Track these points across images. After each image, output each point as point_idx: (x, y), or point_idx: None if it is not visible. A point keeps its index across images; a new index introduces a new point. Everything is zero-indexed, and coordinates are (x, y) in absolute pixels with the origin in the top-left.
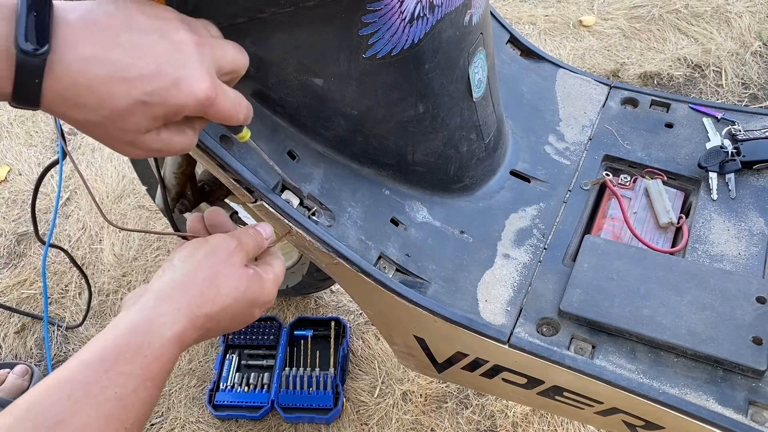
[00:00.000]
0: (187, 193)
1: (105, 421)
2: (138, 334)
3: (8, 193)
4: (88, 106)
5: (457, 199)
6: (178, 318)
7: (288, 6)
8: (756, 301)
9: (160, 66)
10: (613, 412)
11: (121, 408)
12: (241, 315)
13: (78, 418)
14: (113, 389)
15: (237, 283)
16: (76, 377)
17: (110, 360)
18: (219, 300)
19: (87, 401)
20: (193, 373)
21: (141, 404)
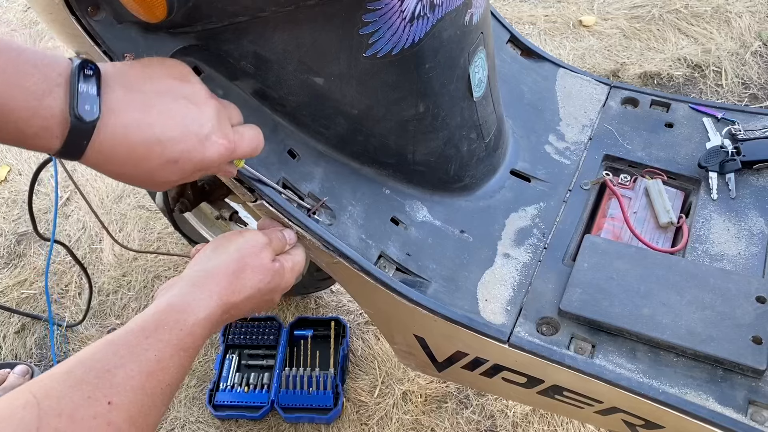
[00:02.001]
0: (187, 193)
1: (146, 377)
2: (175, 312)
3: (8, 193)
4: (127, 165)
5: (458, 199)
6: (209, 303)
7: (288, 5)
8: (756, 301)
9: (188, 129)
10: (613, 411)
11: (159, 369)
12: (262, 302)
13: (123, 371)
14: (153, 352)
15: (262, 276)
16: (121, 340)
17: (150, 329)
18: (245, 291)
19: (131, 358)
20: (193, 373)
21: (176, 369)
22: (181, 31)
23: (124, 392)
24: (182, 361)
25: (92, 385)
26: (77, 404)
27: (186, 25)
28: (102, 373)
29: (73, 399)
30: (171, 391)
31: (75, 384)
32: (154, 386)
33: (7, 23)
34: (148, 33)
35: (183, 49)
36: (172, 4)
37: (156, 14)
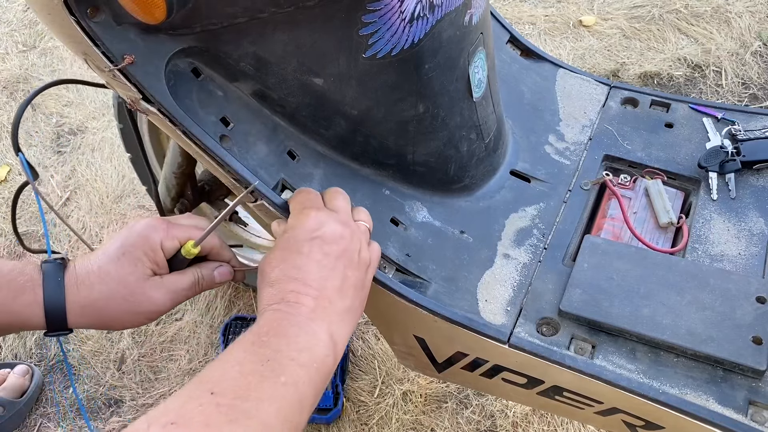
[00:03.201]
0: (187, 193)
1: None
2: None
3: (8, 193)
4: (94, 283)
5: (457, 199)
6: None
7: (288, 6)
8: (756, 301)
9: (122, 231)
10: (613, 412)
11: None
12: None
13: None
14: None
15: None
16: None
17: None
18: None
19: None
20: (193, 373)
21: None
22: (181, 33)
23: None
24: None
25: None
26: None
27: (185, 26)
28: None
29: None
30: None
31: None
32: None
33: (7, 23)
34: (148, 34)
35: (182, 51)
36: (171, 6)
37: (155, 16)
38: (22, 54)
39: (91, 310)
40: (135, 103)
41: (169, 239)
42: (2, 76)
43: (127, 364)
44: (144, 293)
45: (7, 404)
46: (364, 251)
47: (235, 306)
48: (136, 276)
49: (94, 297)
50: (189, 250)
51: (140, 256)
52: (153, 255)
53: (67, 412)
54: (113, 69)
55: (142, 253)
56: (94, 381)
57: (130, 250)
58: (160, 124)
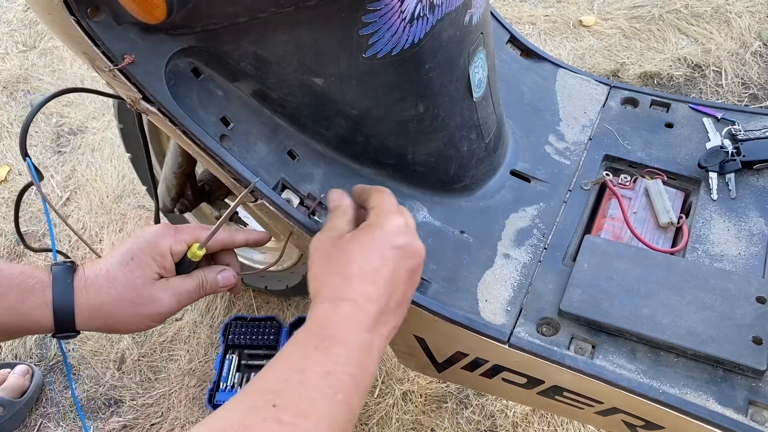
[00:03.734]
0: (187, 193)
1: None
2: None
3: (8, 193)
4: (102, 286)
5: (457, 199)
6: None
7: (288, 6)
8: (756, 301)
9: (131, 237)
10: (613, 412)
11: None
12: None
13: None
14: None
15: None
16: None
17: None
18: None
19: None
20: (193, 373)
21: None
22: (181, 33)
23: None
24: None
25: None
26: None
27: (185, 26)
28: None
29: None
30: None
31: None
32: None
33: (8, 23)
34: (148, 34)
35: (182, 50)
36: (171, 5)
37: (155, 15)
38: (22, 54)
39: (99, 313)
40: (135, 103)
41: (177, 244)
42: (2, 76)
43: (127, 364)
44: (151, 295)
45: (7, 404)
46: (420, 273)
47: (235, 306)
48: (144, 279)
49: (102, 300)
50: (195, 252)
51: (149, 261)
52: (161, 260)
53: (67, 412)
54: (113, 69)
55: (150, 258)
56: (94, 381)
57: (138, 255)
58: (160, 124)
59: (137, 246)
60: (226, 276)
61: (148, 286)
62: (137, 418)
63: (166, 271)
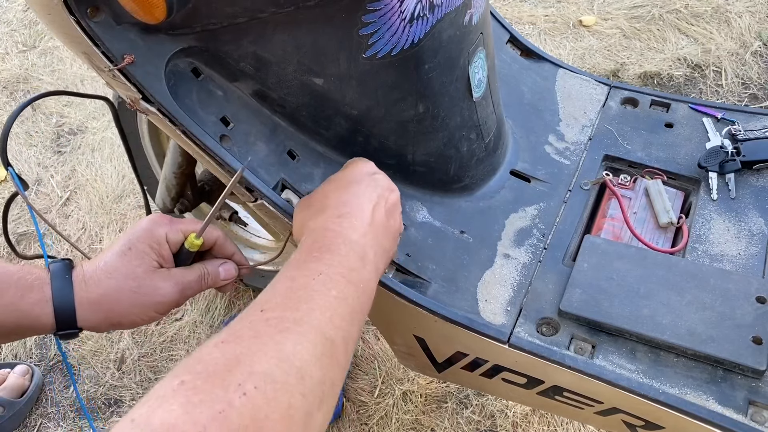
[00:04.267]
0: (187, 193)
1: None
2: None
3: (8, 193)
4: (101, 278)
5: (457, 199)
6: None
7: (288, 6)
8: (756, 301)
9: (130, 227)
10: (613, 412)
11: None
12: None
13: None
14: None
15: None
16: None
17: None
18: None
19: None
20: None
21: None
22: (181, 33)
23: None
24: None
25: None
26: None
27: (185, 26)
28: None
29: None
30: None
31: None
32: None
33: (7, 23)
34: (148, 34)
35: (182, 51)
36: (171, 6)
37: (155, 15)
38: (22, 54)
39: (100, 306)
40: (135, 103)
41: (173, 232)
42: (2, 76)
43: (127, 364)
44: (152, 284)
45: (7, 404)
46: (401, 218)
47: (235, 306)
48: (144, 268)
49: (102, 291)
50: (192, 242)
51: (146, 249)
52: (158, 248)
53: (67, 412)
54: (113, 69)
55: (147, 246)
56: (94, 381)
57: (135, 245)
58: (160, 124)
59: (134, 236)
60: (227, 268)
61: (149, 274)
62: None
63: (164, 261)
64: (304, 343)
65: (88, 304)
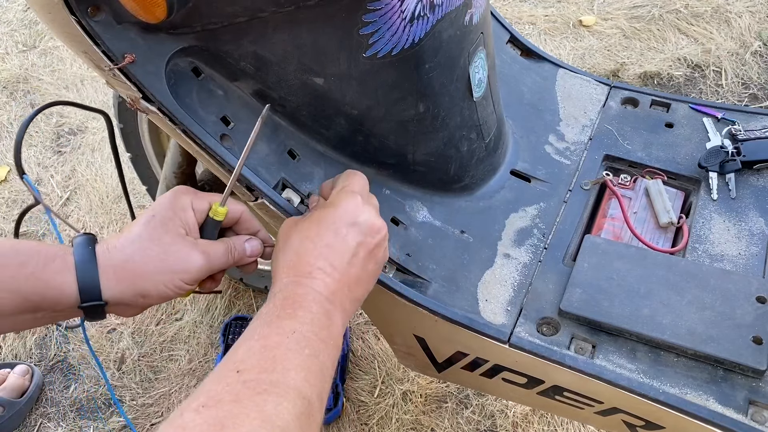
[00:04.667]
0: None
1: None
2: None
3: (8, 193)
4: (125, 245)
5: (458, 199)
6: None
7: (288, 5)
8: (756, 301)
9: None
10: (613, 411)
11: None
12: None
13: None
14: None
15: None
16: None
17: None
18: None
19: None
20: (193, 373)
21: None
22: (181, 32)
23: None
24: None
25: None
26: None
27: (186, 25)
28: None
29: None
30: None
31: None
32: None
33: (8, 23)
34: (148, 33)
35: (183, 50)
36: (171, 5)
37: (156, 15)
38: (22, 54)
39: (125, 273)
40: (135, 102)
41: (198, 200)
42: (2, 76)
43: (127, 364)
44: (179, 250)
45: (7, 404)
46: (386, 250)
47: (235, 306)
48: (170, 235)
49: (126, 257)
50: (217, 210)
51: (171, 216)
52: (183, 214)
53: (67, 412)
54: (113, 68)
55: (172, 212)
56: (94, 381)
57: (159, 212)
58: (160, 123)
59: (158, 205)
60: (253, 245)
61: (176, 240)
62: (137, 418)
63: (190, 230)
64: (283, 403)
65: (112, 271)
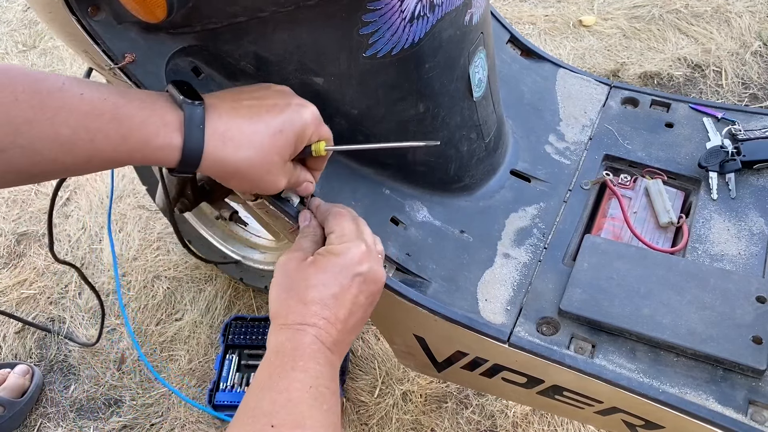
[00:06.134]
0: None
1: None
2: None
3: (8, 192)
4: (243, 146)
5: (457, 199)
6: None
7: (288, 5)
8: (756, 301)
9: (280, 102)
10: (613, 411)
11: None
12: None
13: None
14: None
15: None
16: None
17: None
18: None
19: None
20: (193, 373)
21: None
22: (181, 32)
23: None
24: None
25: None
26: None
27: (186, 25)
28: None
29: None
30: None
31: None
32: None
33: (7, 23)
34: (148, 33)
35: (183, 50)
36: (172, 5)
37: (156, 14)
38: (22, 54)
39: (228, 147)
40: None
41: (316, 134)
42: None
43: (127, 364)
44: (276, 174)
45: (8, 404)
46: (380, 294)
47: (235, 306)
48: (279, 159)
49: (235, 158)
50: (318, 148)
51: (293, 141)
52: (299, 146)
53: (67, 412)
54: (114, 67)
55: (295, 138)
56: (94, 381)
57: (288, 132)
58: None
59: (291, 122)
60: (307, 186)
61: (279, 167)
62: (137, 418)
63: (292, 153)
64: None
65: (219, 135)
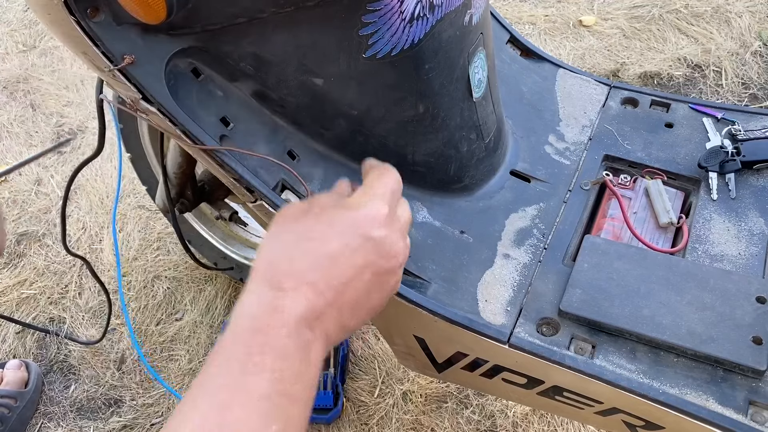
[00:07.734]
0: (187, 193)
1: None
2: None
3: (8, 193)
4: (359, 323)
5: (457, 199)
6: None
7: (288, 6)
8: (756, 301)
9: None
10: (613, 412)
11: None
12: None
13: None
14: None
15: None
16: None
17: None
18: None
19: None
20: (193, 373)
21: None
22: (181, 33)
23: None
24: None
25: None
26: None
27: (185, 26)
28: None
29: None
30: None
31: None
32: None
33: (7, 23)
34: (148, 34)
35: (182, 51)
36: (171, 6)
37: (155, 16)
38: (22, 54)
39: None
40: (135, 103)
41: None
42: (2, 76)
43: (127, 364)
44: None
45: (18, 395)
46: (399, 281)
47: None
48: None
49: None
50: None
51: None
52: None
53: (67, 412)
54: (113, 69)
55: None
56: (94, 381)
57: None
58: (160, 124)
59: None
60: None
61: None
62: (137, 418)
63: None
64: None
65: None
